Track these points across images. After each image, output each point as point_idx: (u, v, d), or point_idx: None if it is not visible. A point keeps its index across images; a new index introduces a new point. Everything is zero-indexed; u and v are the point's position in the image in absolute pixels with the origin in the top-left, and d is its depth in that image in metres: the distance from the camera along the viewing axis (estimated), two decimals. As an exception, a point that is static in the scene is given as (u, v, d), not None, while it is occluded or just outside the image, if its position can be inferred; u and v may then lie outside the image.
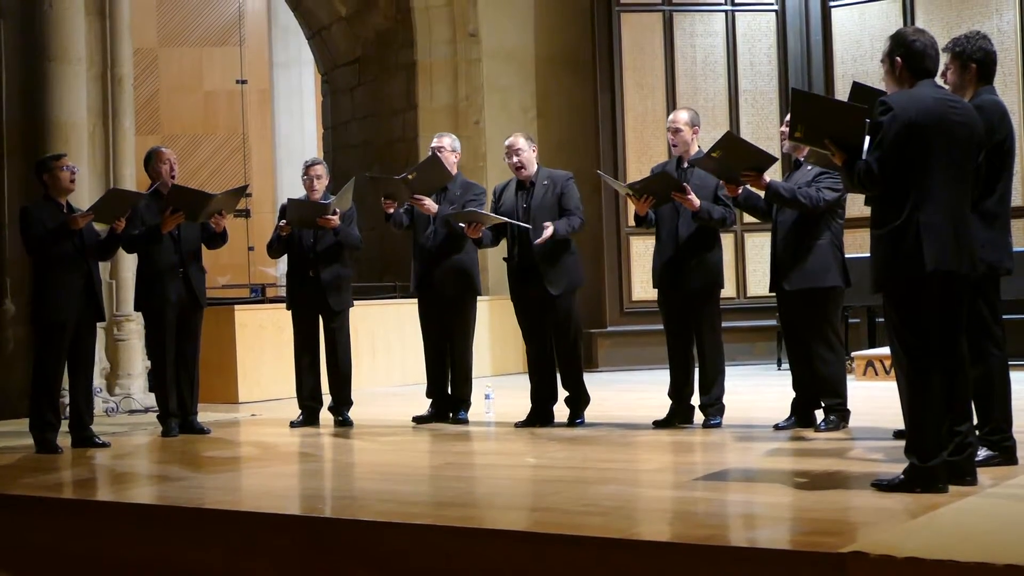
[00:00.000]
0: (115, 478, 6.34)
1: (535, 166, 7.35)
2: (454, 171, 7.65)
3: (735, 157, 6.17)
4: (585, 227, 7.40)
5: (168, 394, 7.54)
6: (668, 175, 6.85)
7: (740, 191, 6.49)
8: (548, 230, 7.10)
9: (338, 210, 7.63)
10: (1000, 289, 5.12)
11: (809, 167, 6.46)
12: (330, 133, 14.15)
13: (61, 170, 7.11)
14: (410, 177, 7.39)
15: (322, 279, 7.77)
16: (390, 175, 8.14)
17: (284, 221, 7.75)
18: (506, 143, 7.44)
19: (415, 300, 7.92)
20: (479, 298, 7.93)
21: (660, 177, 6.85)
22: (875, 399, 7.67)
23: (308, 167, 7.94)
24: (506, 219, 7.25)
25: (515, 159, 7.31)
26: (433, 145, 7.73)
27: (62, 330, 7.03)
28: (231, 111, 17.65)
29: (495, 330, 11.18)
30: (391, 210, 7.53)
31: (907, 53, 4.67)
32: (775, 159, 6.35)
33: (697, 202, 6.73)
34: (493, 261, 10.72)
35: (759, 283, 11.42)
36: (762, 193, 6.45)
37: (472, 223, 7.29)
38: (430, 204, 7.45)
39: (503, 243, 7.51)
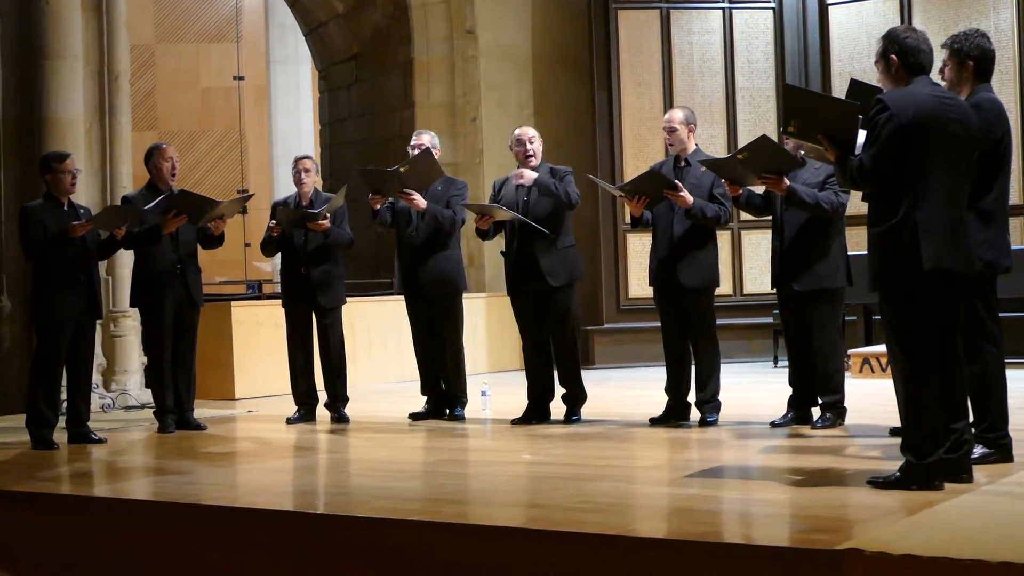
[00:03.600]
0: (111, 474, 6.34)
1: (539, 160, 7.35)
2: None
3: (761, 159, 6.03)
4: (574, 208, 7.22)
5: (164, 390, 7.54)
6: (658, 173, 6.83)
7: (741, 192, 6.48)
8: (531, 176, 7.14)
9: (328, 213, 7.63)
10: (997, 287, 5.13)
11: (817, 166, 6.42)
12: (327, 130, 14.14)
13: (63, 173, 7.06)
14: (402, 170, 7.39)
15: (313, 277, 7.76)
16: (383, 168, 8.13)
17: (275, 222, 7.77)
18: (517, 132, 7.41)
19: (404, 297, 7.91)
20: (477, 295, 7.92)
21: (650, 176, 6.83)
22: (871, 396, 7.66)
23: (297, 161, 7.99)
24: (521, 216, 7.20)
25: (528, 147, 7.28)
26: (413, 143, 7.73)
27: (62, 328, 7.01)
28: (228, 107, 17.65)
29: (492, 327, 11.15)
30: (378, 206, 7.52)
31: (901, 50, 4.67)
32: (804, 163, 6.25)
33: (690, 199, 6.71)
34: (490, 256, 10.71)
35: (756, 281, 11.42)
36: (759, 190, 6.45)
37: (484, 215, 7.28)
38: (419, 199, 7.42)
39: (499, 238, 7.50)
